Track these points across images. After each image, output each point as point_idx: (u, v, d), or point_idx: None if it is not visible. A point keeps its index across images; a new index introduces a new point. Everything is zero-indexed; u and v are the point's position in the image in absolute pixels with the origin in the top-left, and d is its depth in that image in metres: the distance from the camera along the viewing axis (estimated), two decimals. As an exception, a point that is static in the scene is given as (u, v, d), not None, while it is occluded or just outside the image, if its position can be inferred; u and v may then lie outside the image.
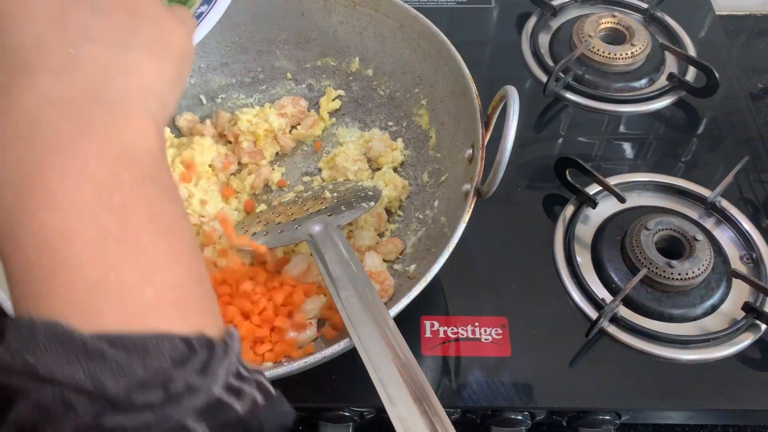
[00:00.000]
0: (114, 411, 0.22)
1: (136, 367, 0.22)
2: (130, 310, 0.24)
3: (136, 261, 0.25)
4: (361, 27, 0.75)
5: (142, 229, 0.25)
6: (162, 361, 0.23)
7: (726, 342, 0.62)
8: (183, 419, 0.23)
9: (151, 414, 0.22)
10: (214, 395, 0.24)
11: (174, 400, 0.23)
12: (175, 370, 0.23)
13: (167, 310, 0.25)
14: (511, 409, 0.59)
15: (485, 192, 0.54)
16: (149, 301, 0.25)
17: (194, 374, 0.24)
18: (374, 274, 0.61)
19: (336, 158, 0.73)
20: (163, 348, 0.23)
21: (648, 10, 0.92)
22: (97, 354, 0.22)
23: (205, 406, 0.24)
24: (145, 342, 0.23)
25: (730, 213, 0.71)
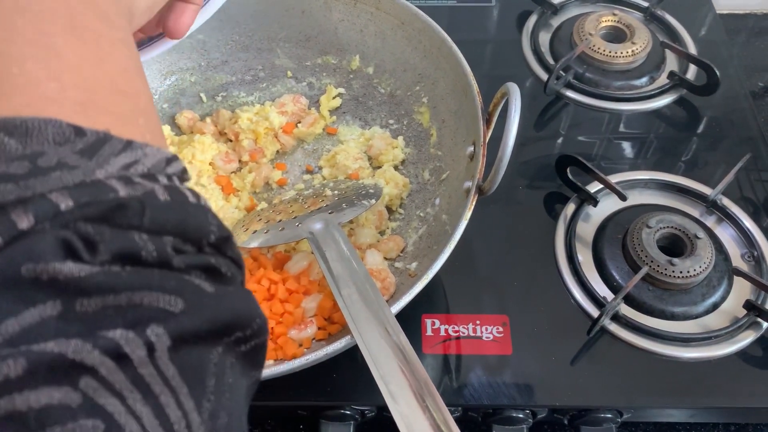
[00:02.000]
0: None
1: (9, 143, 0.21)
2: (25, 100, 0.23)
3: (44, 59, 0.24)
4: (362, 25, 0.75)
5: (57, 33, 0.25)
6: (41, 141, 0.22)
7: (727, 340, 0.62)
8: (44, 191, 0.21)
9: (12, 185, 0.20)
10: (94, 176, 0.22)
11: (40, 173, 0.21)
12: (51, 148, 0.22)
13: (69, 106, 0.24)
14: (512, 407, 0.59)
15: (487, 189, 0.54)
16: (50, 94, 0.24)
17: (72, 153, 0.22)
18: (375, 271, 0.61)
19: (337, 156, 0.73)
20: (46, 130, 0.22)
21: (648, 8, 0.92)
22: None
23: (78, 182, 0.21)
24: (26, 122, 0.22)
25: (731, 211, 0.71)
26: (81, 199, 0.21)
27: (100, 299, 0.20)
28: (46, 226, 0.20)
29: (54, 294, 0.20)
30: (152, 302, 0.21)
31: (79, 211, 0.21)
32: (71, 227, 0.21)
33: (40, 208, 0.20)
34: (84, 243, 0.21)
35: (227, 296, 0.23)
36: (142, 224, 0.22)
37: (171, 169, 0.25)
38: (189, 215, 0.24)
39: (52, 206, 0.21)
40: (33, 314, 0.19)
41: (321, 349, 0.48)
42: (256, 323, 0.24)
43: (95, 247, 0.21)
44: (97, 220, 0.21)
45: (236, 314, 0.23)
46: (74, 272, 0.20)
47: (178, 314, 0.21)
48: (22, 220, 0.20)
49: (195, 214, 0.24)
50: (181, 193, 0.24)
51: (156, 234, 0.22)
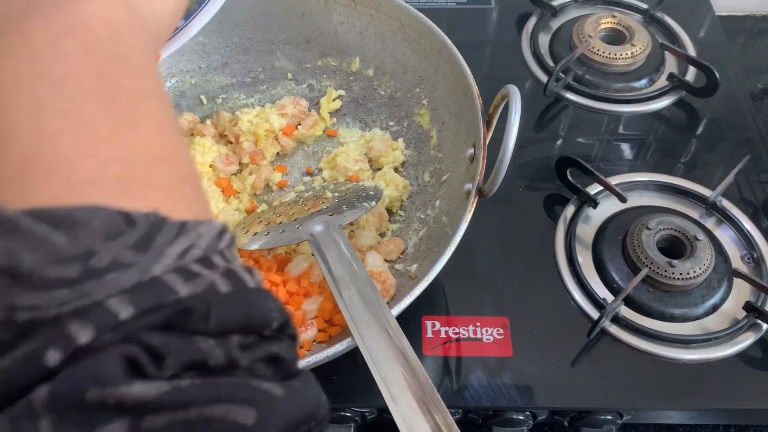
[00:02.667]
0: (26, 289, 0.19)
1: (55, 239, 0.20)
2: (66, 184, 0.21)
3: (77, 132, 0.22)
4: (362, 27, 0.75)
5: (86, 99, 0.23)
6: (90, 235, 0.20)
7: (727, 342, 0.62)
8: (102, 298, 0.19)
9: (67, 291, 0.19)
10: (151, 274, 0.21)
11: (94, 276, 0.20)
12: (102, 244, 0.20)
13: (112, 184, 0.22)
14: (512, 409, 0.59)
15: (487, 191, 0.54)
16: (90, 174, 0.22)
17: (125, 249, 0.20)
18: (376, 273, 0.61)
19: (337, 158, 0.73)
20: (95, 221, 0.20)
21: (648, 10, 0.92)
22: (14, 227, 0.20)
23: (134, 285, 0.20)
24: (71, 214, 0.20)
25: (731, 213, 0.71)
26: (142, 305, 0.20)
27: (169, 415, 0.19)
28: (108, 339, 0.19)
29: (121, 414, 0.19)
30: (224, 415, 0.20)
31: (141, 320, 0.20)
32: (134, 340, 0.20)
33: (99, 319, 0.19)
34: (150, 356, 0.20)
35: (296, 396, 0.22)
36: (208, 328, 0.21)
37: (223, 244, 0.23)
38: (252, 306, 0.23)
39: (112, 316, 0.19)
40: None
41: (321, 352, 0.48)
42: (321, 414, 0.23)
43: (162, 360, 0.20)
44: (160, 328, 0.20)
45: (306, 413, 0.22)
46: (142, 394, 0.19)
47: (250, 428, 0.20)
48: (81, 334, 0.19)
49: (257, 304, 0.23)
50: (240, 280, 0.23)
51: (222, 335, 0.21)
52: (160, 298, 0.20)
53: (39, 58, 0.23)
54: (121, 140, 0.23)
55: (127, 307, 0.20)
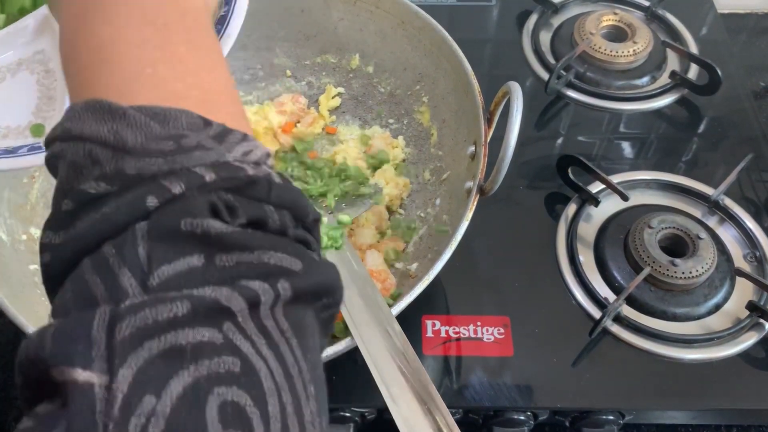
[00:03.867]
0: (131, 157, 0.25)
1: (153, 125, 0.25)
2: (160, 96, 0.27)
3: (171, 62, 0.29)
4: (362, 23, 0.74)
5: (179, 43, 0.29)
6: (178, 126, 0.26)
7: (730, 341, 0.62)
8: (191, 166, 0.25)
9: (162, 159, 0.25)
10: (225, 158, 0.26)
11: (184, 151, 0.25)
12: (189, 132, 0.26)
13: (194, 103, 0.28)
14: (513, 409, 0.59)
15: (488, 189, 0.54)
16: (178, 92, 0.28)
17: (207, 138, 0.26)
18: (375, 272, 0.60)
19: (336, 156, 0.73)
20: (182, 118, 0.26)
21: (649, 7, 0.91)
22: (121, 115, 0.25)
23: (214, 161, 0.25)
24: (165, 111, 0.26)
25: (734, 211, 0.70)
26: (221, 174, 0.25)
27: (236, 255, 0.24)
28: (195, 192, 0.25)
29: (200, 247, 0.24)
30: (278, 261, 0.25)
31: (221, 183, 0.25)
32: (215, 195, 0.25)
33: (189, 178, 0.25)
34: (226, 208, 0.25)
35: (327, 265, 0.28)
36: (269, 198, 0.27)
37: (270, 161, 0.29)
38: (298, 195, 0.28)
39: (199, 177, 0.25)
40: (182, 263, 0.23)
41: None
42: (339, 293, 0.28)
43: (235, 212, 0.25)
44: (234, 191, 0.26)
45: (332, 281, 0.27)
46: (222, 229, 0.24)
47: (298, 272, 0.25)
48: (174, 187, 0.24)
49: (301, 197, 0.29)
50: (288, 180, 0.29)
51: (278, 207, 0.27)
52: (234, 172, 0.26)
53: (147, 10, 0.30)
54: (203, 74, 0.30)
55: (209, 173, 0.25)
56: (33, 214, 0.65)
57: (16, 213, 0.63)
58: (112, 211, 0.24)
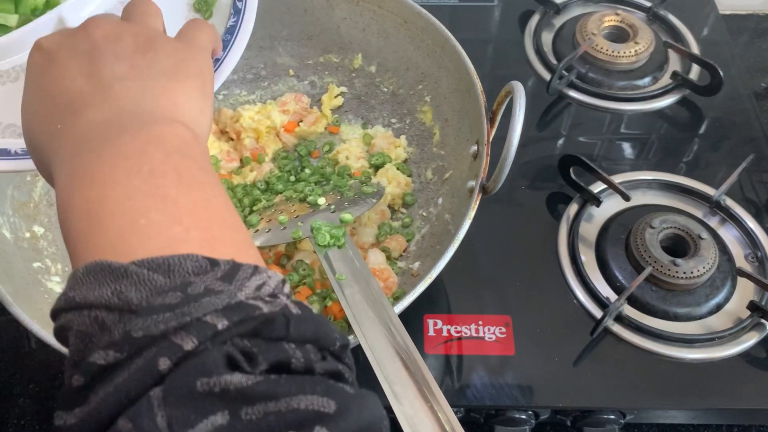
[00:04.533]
0: (137, 317, 0.24)
1: (156, 278, 0.25)
2: (159, 244, 0.27)
3: (164, 208, 0.28)
4: (365, 23, 0.74)
5: (169, 186, 0.29)
6: (183, 274, 0.25)
7: (731, 341, 0.62)
8: (201, 315, 0.24)
9: (170, 314, 0.24)
10: (237, 298, 0.25)
11: (193, 300, 0.24)
12: (196, 277, 0.25)
13: (196, 244, 0.27)
14: (515, 408, 0.59)
15: (490, 188, 0.54)
16: (177, 236, 0.27)
17: (215, 280, 0.25)
18: (378, 271, 0.61)
19: (339, 155, 0.73)
20: (186, 264, 0.25)
21: (651, 8, 0.92)
22: (122, 273, 0.25)
23: (226, 305, 0.25)
24: (167, 260, 0.25)
25: (735, 212, 0.70)
26: (233, 318, 0.24)
27: (262, 406, 0.22)
28: (209, 345, 0.24)
29: (222, 405, 0.22)
30: (309, 405, 0.23)
31: (235, 329, 0.24)
32: (230, 343, 0.24)
33: (200, 330, 0.24)
34: (244, 355, 0.24)
35: (365, 397, 0.25)
36: (289, 335, 0.25)
37: (286, 289, 0.28)
38: (320, 324, 0.27)
39: (210, 327, 0.24)
40: (206, 425, 0.22)
41: (323, 349, 0.48)
42: (384, 424, 0.25)
43: (255, 359, 0.24)
44: (250, 335, 0.25)
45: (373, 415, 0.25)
46: (242, 382, 0.23)
47: (333, 415, 0.23)
48: (186, 343, 0.23)
49: (323, 323, 0.27)
50: (307, 308, 0.27)
51: (300, 343, 0.26)
52: (247, 313, 0.25)
53: (130, 161, 0.29)
54: (200, 213, 0.29)
55: (221, 320, 0.24)
56: (36, 211, 0.65)
57: (19, 211, 0.63)
58: (124, 381, 0.23)
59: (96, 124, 0.31)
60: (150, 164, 0.29)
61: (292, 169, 0.72)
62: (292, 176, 0.71)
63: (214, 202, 0.30)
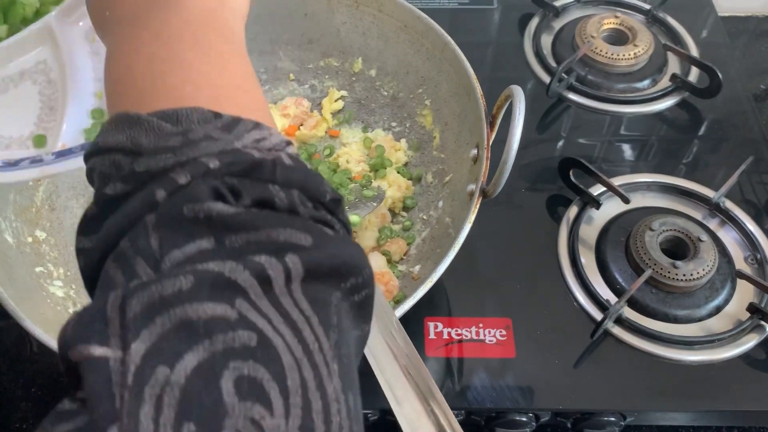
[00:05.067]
0: (143, 157, 0.26)
1: (164, 126, 0.27)
2: (172, 101, 0.29)
3: (180, 69, 0.31)
4: (365, 27, 0.75)
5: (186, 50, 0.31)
6: (189, 123, 0.27)
7: (731, 343, 0.62)
8: (196, 156, 0.26)
9: (171, 154, 0.26)
10: (233, 146, 0.27)
11: (191, 144, 0.27)
12: (197, 125, 0.27)
13: (205, 101, 0.29)
14: (515, 410, 0.59)
15: (491, 192, 0.54)
16: (188, 94, 0.30)
17: (215, 129, 0.27)
18: (379, 274, 0.61)
19: (339, 159, 0.73)
20: (192, 115, 0.28)
21: (650, 10, 0.92)
22: (136, 121, 0.27)
23: (221, 150, 0.27)
24: (176, 111, 0.28)
25: (734, 214, 0.71)
26: (225, 160, 0.26)
27: (244, 235, 0.25)
28: (200, 180, 0.26)
29: (208, 231, 0.25)
30: (287, 238, 0.25)
31: (225, 169, 0.26)
32: (219, 180, 0.26)
33: (194, 168, 0.26)
34: (230, 191, 0.26)
35: (344, 241, 0.28)
36: (275, 178, 0.27)
37: (289, 150, 0.30)
38: (310, 176, 0.28)
39: (203, 166, 0.26)
40: (193, 247, 0.24)
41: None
42: (366, 272, 0.27)
43: (239, 194, 0.26)
44: (239, 175, 0.26)
45: (352, 258, 0.27)
46: (224, 211, 0.25)
47: (308, 247, 0.25)
48: (180, 178, 0.26)
49: (314, 177, 0.29)
50: (301, 162, 0.29)
51: (286, 187, 0.27)
52: (239, 158, 0.27)
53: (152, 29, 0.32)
54: (213, 75, 0.31)
55: (214, 161, 0.26)
56: (38, 216, 0.65)
57: (21, 215, 0.64)
58: (127, 209, 0.26)
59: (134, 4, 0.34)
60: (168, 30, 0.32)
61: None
62: None
63: (229, 66, 0.32)
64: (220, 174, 0.26)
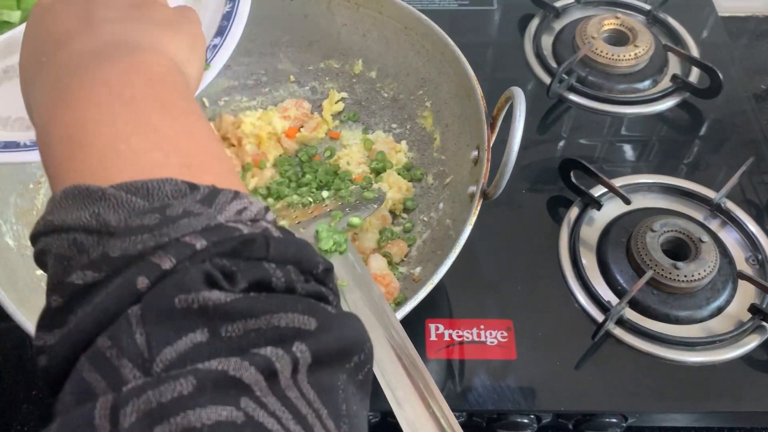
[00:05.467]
0: (115, 238, 0.23)
1: (135, 201, 0.24)
2: (138, 169, 0.26)
3: (145, 133, 0.27)
4: (365, 29, 0.75)
5: (150, 112, 0.28)
6: (162, 197, 0.25)
7: (732, 344, 0.62)
8: (179, 236, 0.24)
9: (148, 235, 0.23)
10: (217, 221, 0.25)
11: (171, 222, 0.24)
12: (175, 200, 0.25)
13: (175, 169, 0.27)
14: (517, 412, 0.59)
15: (491, 194, 0.54)
16: (157, 162, 0.27)
17: (194, 203, 0.25)
18: (379, 276, 0.61)
19: (339, 161, 0.73)
20: (164, 187, 0.25)
21: (651, 11, 0.92)
22: (100, 196, 0.24)
23: (205, 227, 0.24)
24: (146, 183, 0.25)
25: (736, 214, 0.71)
26: (212, 238, 0.24)
27: (242, 323, 0.22)
28: (187, 264, 0.23)
29: (201, 322, 0.22)
30: (289, 323, 0.23)
31: (214, 249, 0.24)
32: (209, 262, 0.24)
33: (178, 250, 0.23)
34: (223, 274, 0.24)
35: (346, 317, 0.25)
36: (269, 255, 0.25)
37: (269, 216, 0.28)
38: (301, 247, 0.27)
39: (189, 247, 0.23)
40: (185, 342, 0.22)
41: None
42: (367, 347, 0.26)
43: (234, 277, 0.24)
44: (229, 254, 0.24)
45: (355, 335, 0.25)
46: (221, 299, 0.22)
47: (314, 332, 0.23)
48: (164, 262, 0.23)
49: (306, 248, 0.27)
50: (289, 232, 0.27)
51: (281, 263, 0.25)
52: (227, 234, 0.24)
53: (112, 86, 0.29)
54: (181, 140, 0.28)
55: (200, 241, 0.24)
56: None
57: (22, 218, 0.64)
58: (102, 300, 0.23)
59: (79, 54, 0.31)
60: (131, 89, 0.29)
61: (293, 174, 0.72)
62: (293, 182, 0.72)
63: (196, 131, 0.30)
64: (209, 255, 0.24)
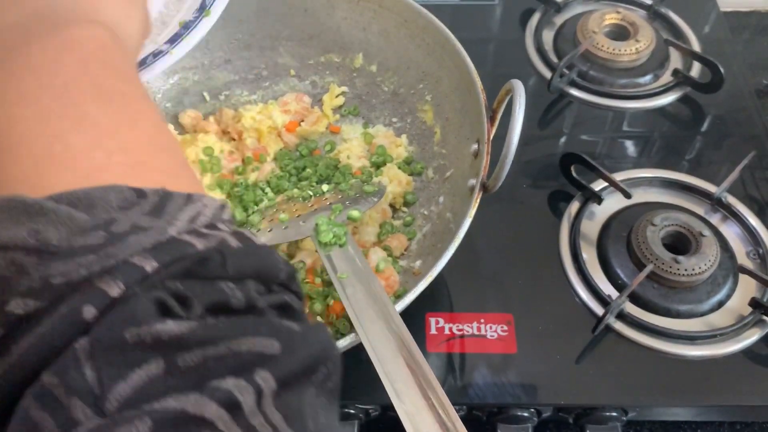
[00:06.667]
0: (56, 260, 0.21)
1: (77, 215, 0.22)
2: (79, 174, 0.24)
3: (83, 129, 0.25)
4: (365, 23, 0.75)
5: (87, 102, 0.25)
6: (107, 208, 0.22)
7: (733, 338, 0.62)
8: (127, 257, 0.21)
9: (93, 256, 0.21)
10: (168, 234, 0.23)
11: (117, 240, 0.22)
12: (120, 213, 0.22)
13: (120, 170, 0.24)
14: (517, 406, 0.59)
15: (491, 187, 0.54)
16: (99, 163, 0.24)
17: (141, 215, 0.23)
18: (379, 270, 0.61)
19: (340, 155, 0.73)
20: (109, 197, 0.23)
21: (652, 5, 0.92)
22: (38, 210, 0.22)
23: (154, 243, 0.22)
24: (88, 194, 0.22)
25: (737, 209, 0.70)
26: (164, 259, 0.22)
27: (201, 351, 0.21)
28: (137, 290, 0.21)
29: (156, 354, 0.20)
30: (251, 348, 0.21)
31: (165, 271, 0.22)
32: (161, 287, 0.22)
33: (127, 274, 0.21)
34: (177, 300, 0.22)
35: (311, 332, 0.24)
36: (226, 273, 0.23)
37: (225, 216, 0.26)
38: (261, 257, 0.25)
39: (138, 270, 0.21)
40: (140, 375, 0.20)
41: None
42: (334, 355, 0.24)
43: (189, 303, 0.22)
44: (183, 276, 0.22)
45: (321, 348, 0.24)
46: (174, 330, 0.21)
47: (278, 356, 0.22)
48: (112, 289, 0.21)
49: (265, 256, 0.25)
50: (247, 238, 0.25)
51: (239, 280, 0.23)
52: (179, 252, 0.22)
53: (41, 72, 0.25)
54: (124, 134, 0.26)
55: (150, 262, 0.22)
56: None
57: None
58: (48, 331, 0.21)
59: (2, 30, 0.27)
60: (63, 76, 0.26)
61: (294, 168, 0.72)
62: (293, 177, 0.72)
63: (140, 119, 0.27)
64: (160, 279, 0.22)
